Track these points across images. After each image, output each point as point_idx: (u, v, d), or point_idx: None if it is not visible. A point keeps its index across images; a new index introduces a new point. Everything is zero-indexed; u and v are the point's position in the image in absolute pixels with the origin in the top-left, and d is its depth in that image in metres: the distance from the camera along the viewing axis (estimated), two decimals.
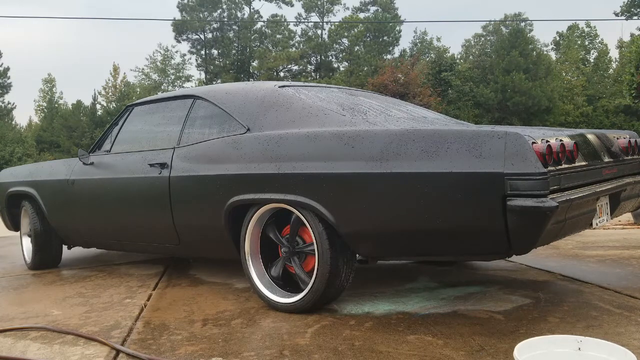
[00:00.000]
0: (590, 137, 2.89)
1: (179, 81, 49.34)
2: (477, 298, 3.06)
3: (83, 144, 51.81)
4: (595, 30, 54.00)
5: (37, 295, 3.74)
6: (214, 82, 49.33)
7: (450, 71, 48.16)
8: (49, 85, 56.61)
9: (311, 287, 2.83)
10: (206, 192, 3.24)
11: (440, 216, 2.41)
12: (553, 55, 53.61)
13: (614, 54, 55.61)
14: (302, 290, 2.91)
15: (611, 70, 53.95)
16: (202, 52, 48.71)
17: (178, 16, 46.92)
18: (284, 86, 3.44)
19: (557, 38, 57.01)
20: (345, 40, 50.42)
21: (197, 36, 47.86)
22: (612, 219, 2.99)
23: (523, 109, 46.27)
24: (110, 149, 4.09)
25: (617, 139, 3.18)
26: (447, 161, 2.36)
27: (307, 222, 2.82)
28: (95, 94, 54.74)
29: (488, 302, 2.98)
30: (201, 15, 46.66)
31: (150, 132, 3.91)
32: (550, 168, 2.27)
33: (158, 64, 49.11)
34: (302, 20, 48.88)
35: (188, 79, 49.94)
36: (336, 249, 2.77)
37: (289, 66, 49.09)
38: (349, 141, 2.68)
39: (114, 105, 54.27)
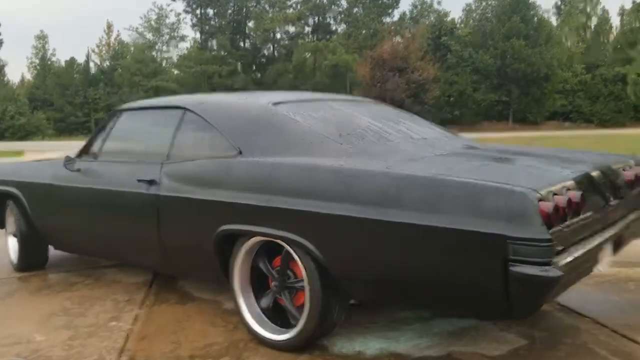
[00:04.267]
0: (596, 174, 2.76)
1: (173, 41, 48.57)
2: (472, 336, 2.98)
3: (76, 103, 51.26)
4: None
5: (21, 310, 3.66)
6: (209, 42, 48.59)
7: (451, 35, 47.50)
8: (41, 41, 55.56)
9: (302, 327, 2.74)
10: (195, 216, 3.12)
11: (437, 271, 2.31)
12: (554, 20, 52.76)
13: (615, 21, 54.73)
14: (292, 325, 2.83)
15: (612, 37, 53.25)
16: (198, 11, 47.75)
17: None
18: (278, 103, 3.29)
19: (559, 2, 55.88)
20: (343, 2, 49.47)
21: None
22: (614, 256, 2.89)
23: (522, 76, 45.87)
24: (98, 155, 3.93)
25: (623, 170, 3.05)
26: (447, 215, 2.24)
27: (299, 259, 2.71)
28: (88, 52, 53.72)
29: (482, 341, 2.90)
30: None
31: (138, 142, 3.78)
32: (555, 229, 2.16)
33: (152, 23, 48.21)
34: None
35: (183, 38, 49.17)
36: (328, 289, 2.67)
37: (286, 27, 48.29)
38: (345, 180, 2.56)
39: (108, 63, 53.53)
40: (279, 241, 2.79)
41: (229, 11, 48.23)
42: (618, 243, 2.84)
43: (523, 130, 39.73)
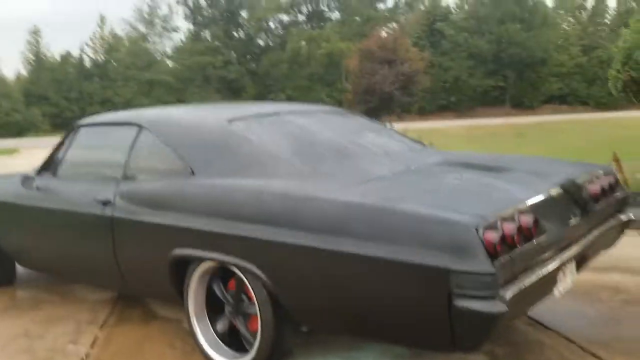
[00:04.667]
0: (556, 192, 2.66)
1: (166, 33, 48.24)
2: (431, 355, 2.89)
3: (71, 97, 51.02)
4: None
5: None
6: (202, 33, 48.22)
7: (445, 21, 47.15)
8: (34, 36, 55.03)
9: (256, 353, 2.67)
10: (148, 240, 3.05)
11: (383, 303, 2.23)
12: (549, 1, 52.26)
13: (612, 1, 54.26)
14: (247, 351, 2.75)
15: (607, 18, 52.73)
16: (190, 2, 47.40)
17: None
18: (233, 120, 3.18)
19: None
20: None
21: None
22: (578, 274, 2.80)
23: (518, 60, 45.64)
24: (57, 172, 3.83)
25: (589, 182, 2.95)
26: (391, 246, 2.15)
27: (250, 286, 2.63)
28: (82, 45, 53.25)
29: None
30: None
31: (95, 159, 3.70)
32: (502, 259, 2.07)
33: (145, 15, 47.85)
34: None
35: (175, 30, 48.83)
36: (280, 315, 2.59)
37: (279, 16, 47.95)
38: (295, 206, 2.48)
39: (102, 57, 53.20)
40: (231, 267, 2.72)
41: (222, 1, 47.91)
42: (582, 261, 2.75)
43: (519, 116, 39.60)
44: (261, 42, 49.72)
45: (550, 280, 2.40)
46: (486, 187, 2.59)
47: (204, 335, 2.92)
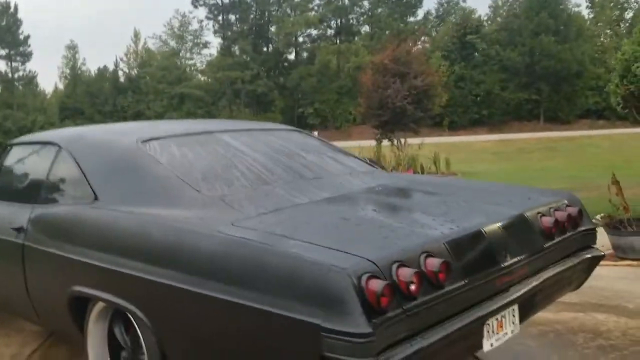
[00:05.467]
0: (493, 228, 2.26)
1: (196, 48, 48.77)
2: None
3: (105, 111, 51.98)
4: None
5: None
6: (232, 49, 48.54)
7: (477, 34, 46.39)
8: (71, 51, 56.28)
9: None
10: (52, 273, 2.78)
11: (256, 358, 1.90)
12: (586, 14, 50.90)
13: None
14: None
15: None
16: (220, 17, 47.83)
17: None
18: (148, 140, 2.85)
19: None
20: (366, 3, 48.88)
21: (214, 1, 46.90)
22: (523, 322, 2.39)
23: (551, 73, 44.49)
24: None
25: (544, 215, 2.54)
26: (265, 292, 1.81)
27: (140, 332, 2.31)
28: (117, 60, 54.16)
29: None
30: None
31: (17, 181, 3.46)
32: (390, 313, 1.70)
33: (175, 30, 48.51)
34: None
35: (206, 45, 49.31)
36: None
37: (308, 31, 47.97)
38: (175, 241, 2.18)
39: (136, 71, 54.10)
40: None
41: (251, 16, 48.21)
42: (527, 305, 2.34)
43: (554, 130, 38.53)
44: (290, 57, 49.89)
45: (472, 334, 2.01)
46: (401, 222, 2.22)
47: None
